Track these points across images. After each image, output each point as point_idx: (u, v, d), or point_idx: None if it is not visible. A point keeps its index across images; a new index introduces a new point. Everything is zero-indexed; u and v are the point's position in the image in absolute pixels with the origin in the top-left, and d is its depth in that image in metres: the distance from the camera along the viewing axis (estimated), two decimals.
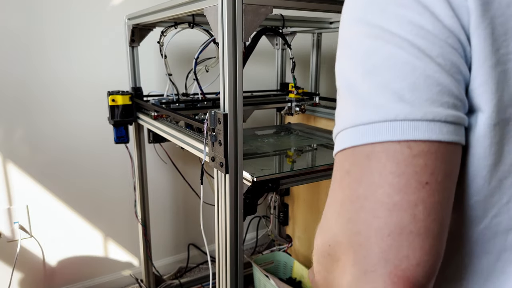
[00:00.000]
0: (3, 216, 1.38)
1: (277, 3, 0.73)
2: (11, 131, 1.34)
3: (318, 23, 1.41)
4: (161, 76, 1.54)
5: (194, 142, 0.92)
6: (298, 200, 1.66)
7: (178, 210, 1.74)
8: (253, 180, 0.80)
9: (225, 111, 0.72)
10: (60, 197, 1.46)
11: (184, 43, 1.44)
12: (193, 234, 1.80)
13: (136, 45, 1.26)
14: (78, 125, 1.44)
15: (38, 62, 1.34)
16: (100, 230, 1.57)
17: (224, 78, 0.71)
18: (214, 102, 1.27)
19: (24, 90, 1.33)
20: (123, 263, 1.65)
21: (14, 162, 1.36)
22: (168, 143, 1.41)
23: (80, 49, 1.40)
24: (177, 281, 1.55)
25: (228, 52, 0.69)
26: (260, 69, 1.77)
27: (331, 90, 2.12)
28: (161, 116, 1.17)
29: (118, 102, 1.24)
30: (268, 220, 1.84)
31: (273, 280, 1.31)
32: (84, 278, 1.57)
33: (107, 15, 1.42)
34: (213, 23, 0.73)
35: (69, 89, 1.40)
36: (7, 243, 1.40)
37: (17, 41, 1.29)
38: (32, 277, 1.47)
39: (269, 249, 1.75)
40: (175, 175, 1.65)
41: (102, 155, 1.50)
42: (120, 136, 1.29)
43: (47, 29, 1.33)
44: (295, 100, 1.37)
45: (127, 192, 1.54)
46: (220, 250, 0.82)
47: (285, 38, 1.36)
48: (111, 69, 1.46)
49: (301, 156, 1.09)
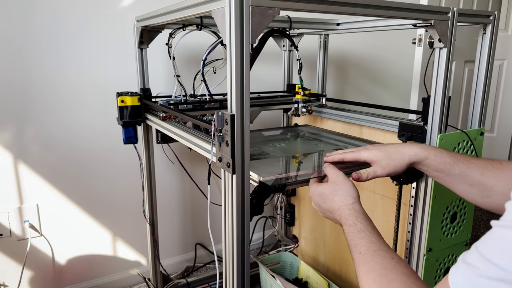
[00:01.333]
0: (14, 215, 1.40)
1: (284, 5, 0.74)
2: (22, 132, 1.36)
3: (325, 25, 1.41)
4: (169, 77, 1.56)
5: (201, 143, 0.92)
6: (304, 200, 1.66)
7: (185, 210, 1.75)
8: (260, 180, 0.81)
9: (232, 112, 0.73)
10: (69, 197, 1.48)
11: (192, 44, 1.45)
12: (200, 234, 1.81)
13: (145, 47, 1.28)
14: (87, 125, 1.46)
15: (47, 63, 1.36)
16: (109, 230, 1.59)
17: (231, 79, 0.72)
18: (221, 103, 1.28)
19: (35, 91, 1.35)
20: (131, 262, 1.66)
21: (25, 162, 1.38)
22: (176, 144, 1.42)
23: (90, 50, 1.42)
24: (184, 280, 1.56)
25: (235, 54, 0.70)
26: (267, 70, 1.78)
27: (338, 91, 2.12)
28: (169, 117, 1.18)
29: (127, 103, 1.25)
30: (274, 220, 1.85)
31: (279, 280, 1.32)
32: (93, 277, 1.59)
33: (117, 17, 1.44)
34: (220, 25, 0.74)
35: (78, 90, 1.42)
36: (18, 242, 1.42)
37: (29, 42, 1.31)
38: (41, 275, 1.49)
39: (276, 249, 1.76)
40: (182, 175, 1.66)
41: (111, 155, 1.52)
42: (129, 137, 1.30)
43: (58, 31, 1.35)
44: (301, 101, 1.37)
45: (135, 192, 1.55)
46: (227, 250, 0.83)
47: (292, 40, 1.36)
48: (120, 70, 1.47)
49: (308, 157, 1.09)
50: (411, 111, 1.35)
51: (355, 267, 0.62)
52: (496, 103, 3.16)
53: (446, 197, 1.05)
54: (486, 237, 0.42)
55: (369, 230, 0.66)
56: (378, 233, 0.66)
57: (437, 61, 0.99)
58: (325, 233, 1.55)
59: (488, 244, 0.42)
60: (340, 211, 0.72)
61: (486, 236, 0.42)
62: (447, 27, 0.95)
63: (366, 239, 0.64)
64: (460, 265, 0.43)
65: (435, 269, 1.10)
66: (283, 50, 1.58)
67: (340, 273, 1.50)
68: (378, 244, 0.63)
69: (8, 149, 1.35)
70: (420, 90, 1.93)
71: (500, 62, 3.09)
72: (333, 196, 0.74)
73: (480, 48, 1.10)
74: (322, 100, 1.48)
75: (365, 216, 0.70)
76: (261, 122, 1.74)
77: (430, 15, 0.93)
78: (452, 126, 1.05)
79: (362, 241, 0.64)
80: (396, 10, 0.89)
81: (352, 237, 0.66)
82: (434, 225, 1.05)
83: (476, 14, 1.04)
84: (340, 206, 0.73)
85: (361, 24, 1.32)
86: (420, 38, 1.91)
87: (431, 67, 1.03)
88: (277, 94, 1.51)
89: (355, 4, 0.82)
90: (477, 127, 1.13)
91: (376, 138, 1.24)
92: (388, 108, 1.26)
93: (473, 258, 0.42)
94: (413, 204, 1.07)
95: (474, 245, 0.43)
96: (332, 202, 0.74)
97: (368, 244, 0.63)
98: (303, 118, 1.56)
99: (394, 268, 0.58)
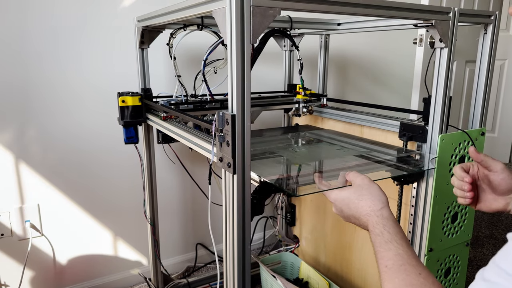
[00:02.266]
0: (15, 215, 1.40)
1: (285, 5, 0.74)
2: (23, 132, 1.36)
3: (326, 25, 1.41)
4: (170, 78, 1.56)
5: (202, 143, 0.92)
6: (305, 201, 1.66)
7: (186, 210, 1.75)
8: (260, 180, 0.81)
9: (233, 112, 0.73)
10: (70, 197, 1.48)
11: (193, 45, 1.45)
12: (201, 234, 1.81)
13: (146, 47, 1.28)
14: (88, 125, 1.46)
15: (47, 63, 1.36)
16: (110, 229, 1.59)
17: (232, 79, 0.72)
18: (222, 103, 1.28)
19: (35, 92, 1.35)
20: (132, 262, 1.67)
21: (26, 162, 1.38)
22: (177, 144, 1.42)
23: (90, 50, 1.42)
24: (185, 280, 1.56)
25: (236, 54, 0.70)
26: (268, 71, 1.78)
27: (339, 91, 2.12)
28: (170, 117, 1.18)
29: (128, 103, 1.25)
30: (275, 220, 1.85)
31: (280, 280, 1.32)
32: (94, 277, 1.59)
33: (117, 17, 1.44)
34: (221, 25, 0.74)
35: (79, 90, 1.42)
36: (19, 242, 1.42)
37: (27, 44, 1.31)
38: (42, 275, 1.49)
39: (276, 249, 1.76)
40: (183, 175, 1.66)
41: (111, 155, 1.52)
42: (130, 137, 1.30)
43: (58, 31, 1.35)
44: (302, 101, 1.37)
45: (136, 192, 1.56)
46: (227, 250, 0.83)
47: (293, 40, 1.37)
48: (120, 70, 1.47)
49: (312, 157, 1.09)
50: (412, 111, 1.35)
51: (380, 281, 0.60)
52: (497, 103, 3.15)
53: (447, 197, 1.05)
54: (504, 251, 0.41)
55: (397, 240, 0.62)
56: (407, 243, 0.63)
57: (438, 61, 0.99)
58: (326, 233, 1.55)
59: (507, 258, 0.41)
60: (368, 217, 0.68)
61: (504, 250, 0.41)
62: (448, 27, 0.95)
63: (393, 251, 0.61)
64: (479, 283, 0.42)
65: (436, 269, 1.10)
66: (284, 50, 1.58)
67: (341, 273, 1.50)
68: (405, 257, 0.59)
69: (9, 149, 1.35)
70: (421, 90, 1.93)
71: (501, 62, 3.09)
72: (359, 201, 0.70)
73: (481, 48, 1.10)
74: (323, 100, 1.48)
75: (394, 223, 0.66)
76: (262, 122, 1.74)
77: (431, 15, 0.93)
78: (453, 126, 1.05)
79: (389, 253, 0.61)
80: (397, 10, 0.89)
81: (378, 248, 0.63)
82: (435, 225, 1.05)
83: (477, 14, 1.04)
84: (368, 211, 0.68)
85: (362, 24, 1.32)
86: (421, 38, 1.91)
87: (432, 67, 1.04)
88: (278, 94, 1.51)
89: (356, 4, 0.82)
90: (478, 127, 1.13)
91: (377, 138, 1.24)
92: (389, 108, 1.26)
93: (492, 274, 0.41)
94: (414, 204, 1.07)
95: (492, 261, 0.42)
96: (357, 207, 0.70)
97: (395, 257, 0.60)
98: (303, 118, 1.56)
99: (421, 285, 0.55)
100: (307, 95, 1.38)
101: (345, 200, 0.73)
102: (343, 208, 0.73)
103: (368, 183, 0.73)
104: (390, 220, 0.66)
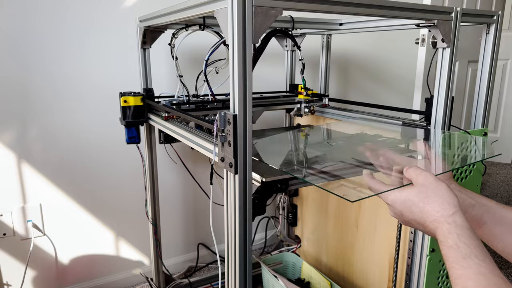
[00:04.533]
0: (17, 215, 1.40)
1: (286, 5, 0.74)
2: (25, 132, 1.37)
3: (327, 25, 1.41)
4: (172, 78, 1.56)
5: (204, 143, 0.93)
6: (307, 201, 1.66)
7: (188, 210, 1.75)
8: (262, 180, 0.81)
9: (235, 112, 0.73)
10: (72, 196, 1.49)
11: (195, 45, 1.45)
12: (203, 234, 1.81)
13: (148, 47, 1.28)
14: (90, 125, 1.46)
15: (49, 63, 1.36)
16: (111, 229, 1.59)
17: (234, 79, 0.72)
18: (224, 103, 1.28)
19: (37, 91, 1.36)
20: (134, 262, 1.67)
21: (28, 162, 1.39)
22: (179, 144, 1.42)
23: (92, 50, 1.42)
24: (186, 280, 1.56)
25: (238, 54, 0.70)
26: (269, 71, 1.78)
27: (340, 92, 2.11)
28: (171, 117, 1.18)
29: (130, 103, 1.25)
30: (277, 220, 1.85)
31: (281, 280, 1.32)
32: (96, 276, 1.59)
33: (119, 17, 1.44)
34: (223, 25, 0.74)
35: (81, 90, 1.43)
36: (21, 241, 1.43)
37: (30, 42, 1.32)
38: (44, 275, 1.49)
39: (278, 249, 1.76)
40: (185, 175, 1.66)
41: (113, 155, 1.52)
42: (132, 137, 1.31)
43: (59, 32, 1.36)
44: (304, 101, 1.37)
45: (138, 192, 1.56)
46: (229, 250, 0.83)
47: (294, 40, 1.36)
48: (122, 70, 1.48)
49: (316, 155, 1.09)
50: (414, 111, 1.35)
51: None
52: (500, 103, 3.15)
53: None
54: None
55: (478, 255, 0.51)
56: (490, 259, 0.52)
57: (440, 61, 0.99)
58: (328, 233, 1.55)
59: None
60: (436, 223, 0.57)
61: None
62: (450, 27, 0.95)
63: (474, 269, 0.50)
64: None
65: (438, 269, 1.10)
66: (285, 50, 1.58)
67: (343, 273, 1.50)
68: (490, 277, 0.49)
69: (11, 149, 1.35)
70: (423, 90, 1.92)
71: (504, 62, 3.08)
72: (424, 205, 0.59)
73: (484, 48, 1.10)
74: (325, 100, 1.48)
75: (470, 233, 0.54)
76: (264, 122, 1.74)
77: (433, 15, 0.92)
78: (455, 126, 1.05)
79: (468, 272, 0.50)
80: (399, 10, 0.89)
81: (453, 264, 0.52)
82: None
83: (480, 14, 1.04)
84: (436, 217, 0.57)
85: (364, 24, 1.32)
86: (423, 38, 1.91)
87: (434, 67, 1.03)
88: (279, 94, 1.51)
89: (358, 4, 0.82)
90: (480, 127, 1.13)
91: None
92: (391, 108, 1.26)
93: None
94: None
95: None
96: (422, 212, 0.59)
97: (476, 276, 0.49)
98: (305, 118, 1.56)
99: None
100: (309, 95, 1.38)
101: (406, 203, 0.61)
102: (403, 212, 0.61)
103: (434, 181, 0.60)
104: (465, 228, 0.55)
